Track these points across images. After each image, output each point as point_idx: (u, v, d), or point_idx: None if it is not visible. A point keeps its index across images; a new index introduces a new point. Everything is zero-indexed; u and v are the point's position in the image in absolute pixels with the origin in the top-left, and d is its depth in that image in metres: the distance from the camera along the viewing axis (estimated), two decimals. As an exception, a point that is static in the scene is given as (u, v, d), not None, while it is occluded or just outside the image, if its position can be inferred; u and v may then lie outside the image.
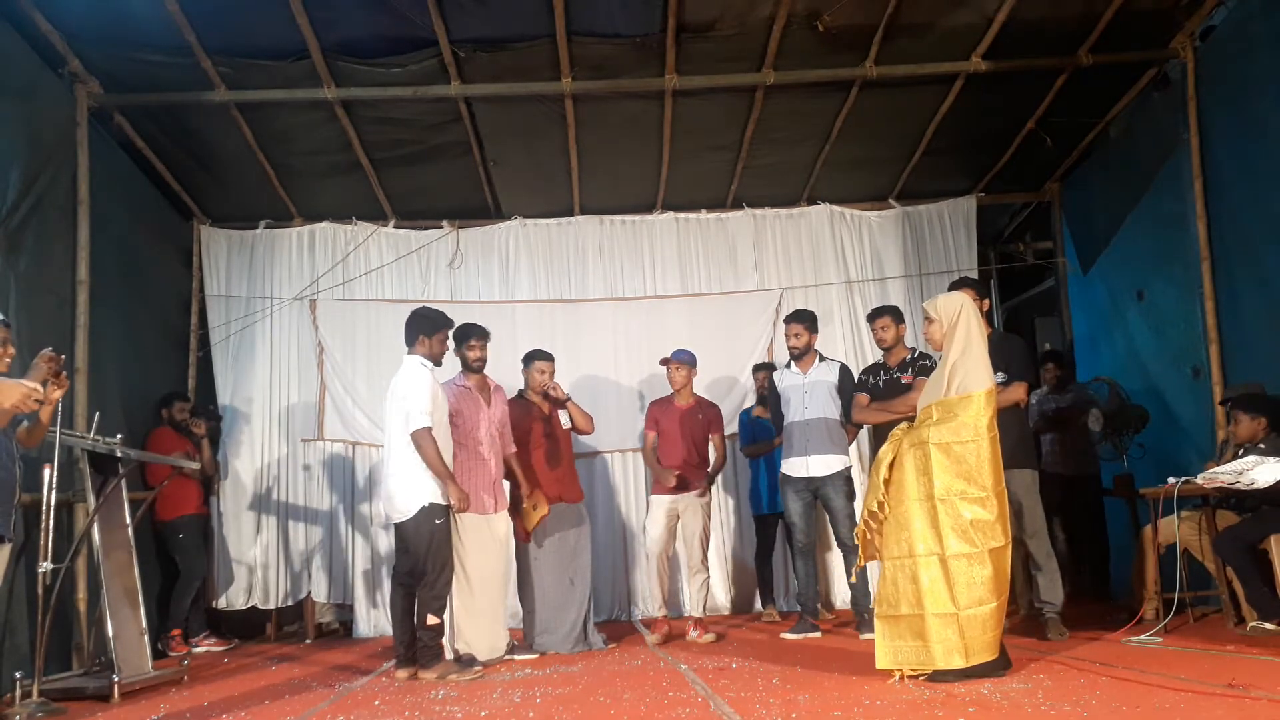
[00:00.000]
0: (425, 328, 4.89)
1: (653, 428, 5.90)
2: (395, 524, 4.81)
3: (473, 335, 5.29)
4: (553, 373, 5.67)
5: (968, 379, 3.82)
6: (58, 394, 3.86)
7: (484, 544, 5.09)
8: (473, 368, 5.29)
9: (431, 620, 4.62)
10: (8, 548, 3.81)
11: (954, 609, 3.65)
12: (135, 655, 4.60)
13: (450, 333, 5.05)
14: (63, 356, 3.89)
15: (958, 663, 3.65)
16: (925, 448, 3.77)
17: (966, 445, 3.74)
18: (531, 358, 5.67)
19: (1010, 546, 3.79)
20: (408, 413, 4.66)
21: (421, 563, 4.64)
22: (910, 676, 3.72)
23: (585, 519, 5.66)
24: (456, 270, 7.33)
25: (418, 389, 4.71)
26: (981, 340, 3.93)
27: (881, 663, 3.79)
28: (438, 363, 4.92)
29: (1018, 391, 4.79)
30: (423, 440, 4.63)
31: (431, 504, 4.65)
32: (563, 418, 5.63)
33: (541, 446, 5.57)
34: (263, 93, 5.91)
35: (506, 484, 5.41)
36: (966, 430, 3.75)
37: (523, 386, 5.69)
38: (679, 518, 5.77)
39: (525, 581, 5.50)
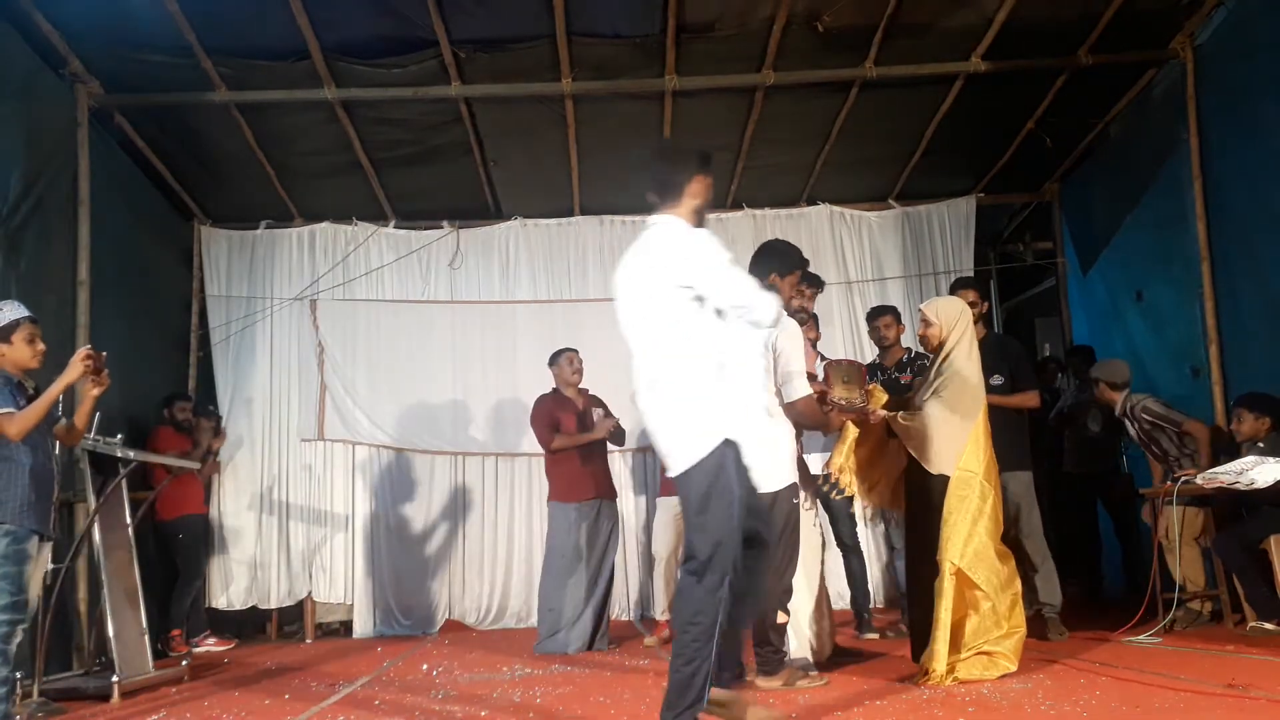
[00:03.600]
0: (779, 265, 3.91)
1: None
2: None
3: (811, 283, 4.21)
4: (581, 363, 5.65)
5: (947, 390, 3.87)
6: (96, 391, 3.74)
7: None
8: (798, 317, 4.12)
9: (782, 618, 3.81)
10: (49, 546, 3.80)
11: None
12: (135, 655, 4.60)
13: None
14: (103, 354, 3.75)
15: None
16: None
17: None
18: (561, 352, 5.69)
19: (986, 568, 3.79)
20: (788, 372, 3.74)
21: (776, 546, 3.62)
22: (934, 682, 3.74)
23: (617, 518, 5.65)
24: (457, 270, 7.32)
25: (796, 344, 3.77)
26: (965, 372, 3.89)
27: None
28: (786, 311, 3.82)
29: (1031, 400, 4.80)
30: (811, 409, 3.79)
31: (793, 483, 3.83)
32: (596, 415, 5.64)
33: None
34: (263, 93, 5.91)
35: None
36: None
37: (554, 384, 5.71)
38: None
39: (549, 577, 5.45)
